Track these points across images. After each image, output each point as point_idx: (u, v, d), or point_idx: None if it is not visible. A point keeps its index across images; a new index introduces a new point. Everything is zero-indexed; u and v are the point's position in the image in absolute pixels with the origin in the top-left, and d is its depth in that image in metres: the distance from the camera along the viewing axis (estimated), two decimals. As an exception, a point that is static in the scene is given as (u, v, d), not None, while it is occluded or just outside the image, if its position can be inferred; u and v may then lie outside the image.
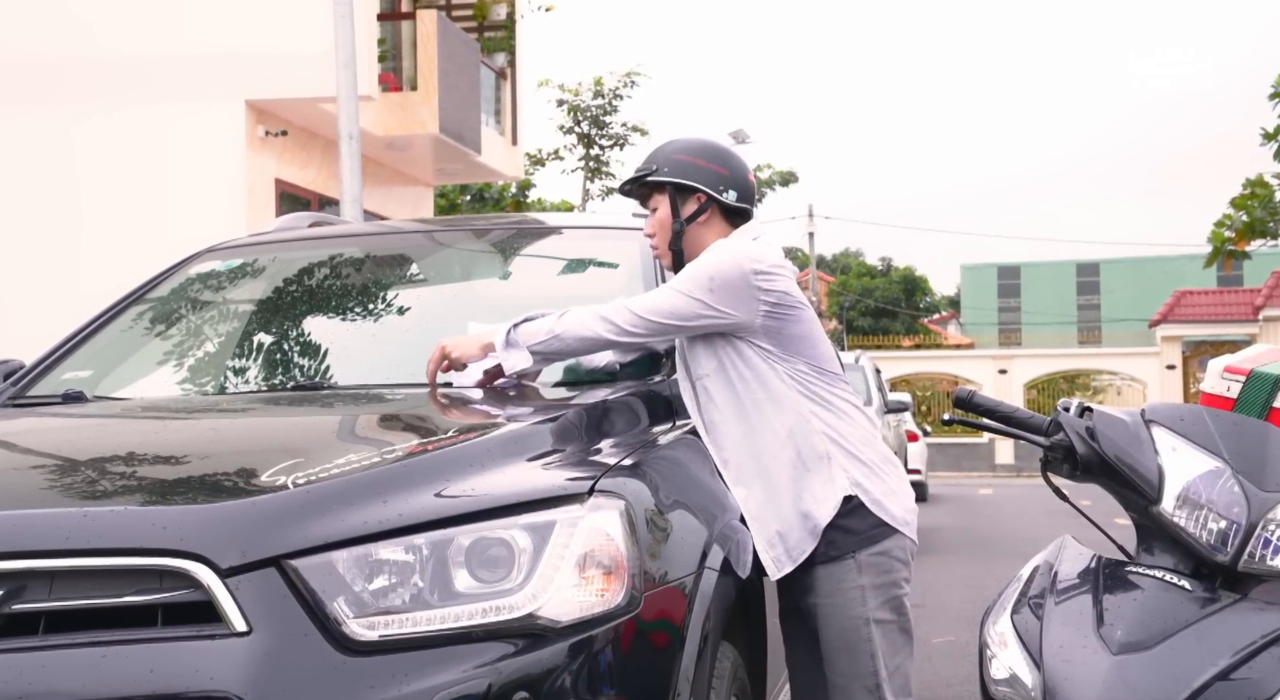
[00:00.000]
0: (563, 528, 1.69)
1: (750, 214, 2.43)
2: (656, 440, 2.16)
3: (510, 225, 3.69)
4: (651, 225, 2.45)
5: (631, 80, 23.37)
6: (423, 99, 11.69)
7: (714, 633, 1.90)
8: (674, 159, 2.39)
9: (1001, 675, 1.59)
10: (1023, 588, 1.67)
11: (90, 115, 10.13)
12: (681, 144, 2.43)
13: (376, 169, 12.42)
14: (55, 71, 10.18)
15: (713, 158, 2.40)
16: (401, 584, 1.62)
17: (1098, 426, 1.67)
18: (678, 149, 2.42)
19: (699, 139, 2.46)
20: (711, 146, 2.44)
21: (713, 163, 2.39)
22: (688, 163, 2.39)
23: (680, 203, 2.39)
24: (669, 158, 2.40)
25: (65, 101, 10.17)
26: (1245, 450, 1.60)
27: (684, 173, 2.38)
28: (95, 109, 10.13)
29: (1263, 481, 1.57)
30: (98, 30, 10.20)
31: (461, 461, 1.81)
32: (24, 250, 10.02)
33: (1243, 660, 1.46)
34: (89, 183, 10.20)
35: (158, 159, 10.13)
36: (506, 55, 14.83)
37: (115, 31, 10.21)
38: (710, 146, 2.44)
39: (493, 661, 1.58)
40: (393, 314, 2.92)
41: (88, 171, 10.19)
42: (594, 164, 24.22)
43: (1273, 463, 1.59)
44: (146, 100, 10.11)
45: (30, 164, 10.14)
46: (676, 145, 2.43)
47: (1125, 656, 1.48)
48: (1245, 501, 1.55)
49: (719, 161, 2.40)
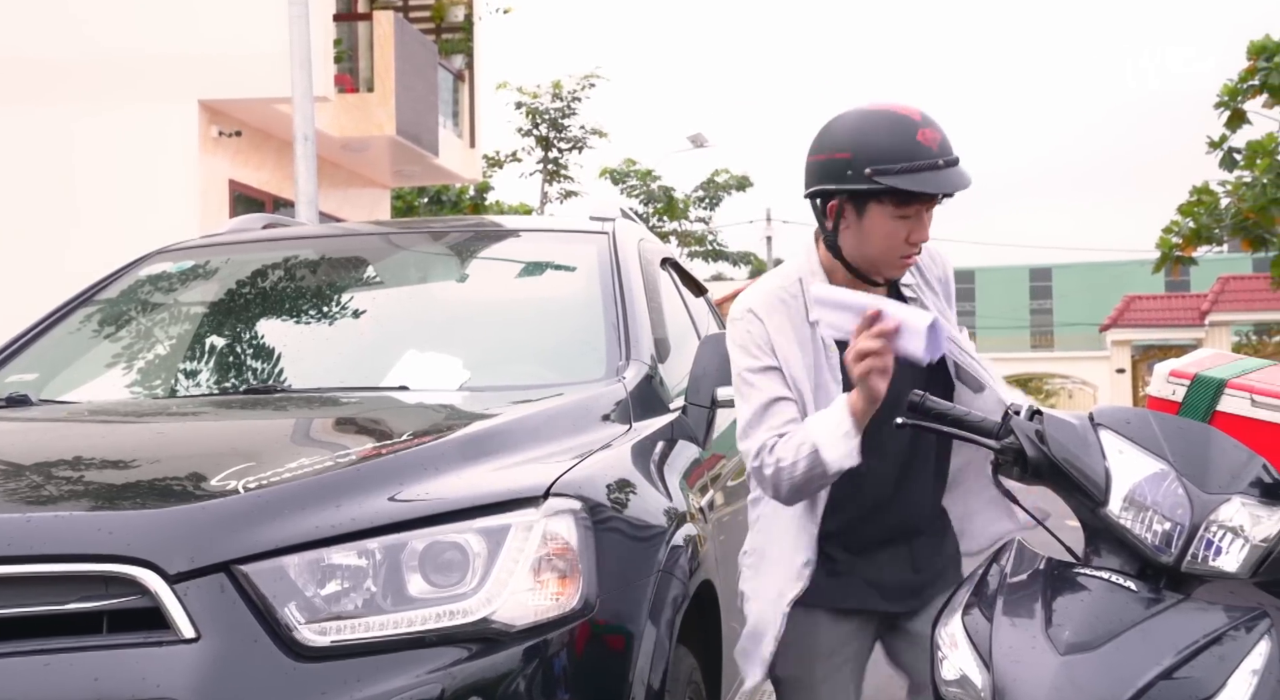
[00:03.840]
0: (518, 531, 1.69)
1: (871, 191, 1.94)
2: (612, 443, 2.16)
3: (468, 228, 3.68)
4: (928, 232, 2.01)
5: (590, 83, 23.41)
6: (379, 100, 11.62)
7: (670, 636, 1.90)
8: None
9: (952, 676, 1.61)
10: (974, 589, 1.69)
11: (39, 116, 9.96)
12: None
13: (332, 170, 12.32)
14: (1, 72, 10.00)
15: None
16: (354, 589, 1.60)
17: (1047, 430, 1.69)
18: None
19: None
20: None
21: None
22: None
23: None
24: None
25: (11, 101, 9.99)
26: (1189, 453, 1.63)
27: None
28: (44, 109, 9.96)
29: (1205, 484, 1.60)
30: (46, 30, 10.03)
31: (416, 465, 1.80)
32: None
33: (1185, 659, 1.49)
34: (38, 184, 10.03)
35: (109, 160, 9.99)
36: (465, 57, 14.78)
37: (65, 31, 10.05)
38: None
39: (446, 666, 1.57)
40: (348, 317, 2.90)
41: (37, 173, 10.02)
42: (553, 166, 24.21)
43: (1215, 465, 1.62)
44: (97, 100, 9.95)
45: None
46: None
47: (1072, 656, 1.50)
48: (1189, 503, 1.58)
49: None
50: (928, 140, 1.92)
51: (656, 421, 2.39)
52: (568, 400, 2.27)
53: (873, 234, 1.97)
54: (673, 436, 2.43)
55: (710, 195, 28.73)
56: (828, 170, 1.97)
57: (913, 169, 1.90)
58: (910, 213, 1.94)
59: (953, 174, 1.93)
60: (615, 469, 2.03)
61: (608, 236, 2.93)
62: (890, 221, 1.95)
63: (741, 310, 2.05)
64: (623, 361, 2.50)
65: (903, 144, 1.91)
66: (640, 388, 2.43)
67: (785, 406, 1.98)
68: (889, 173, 1.90)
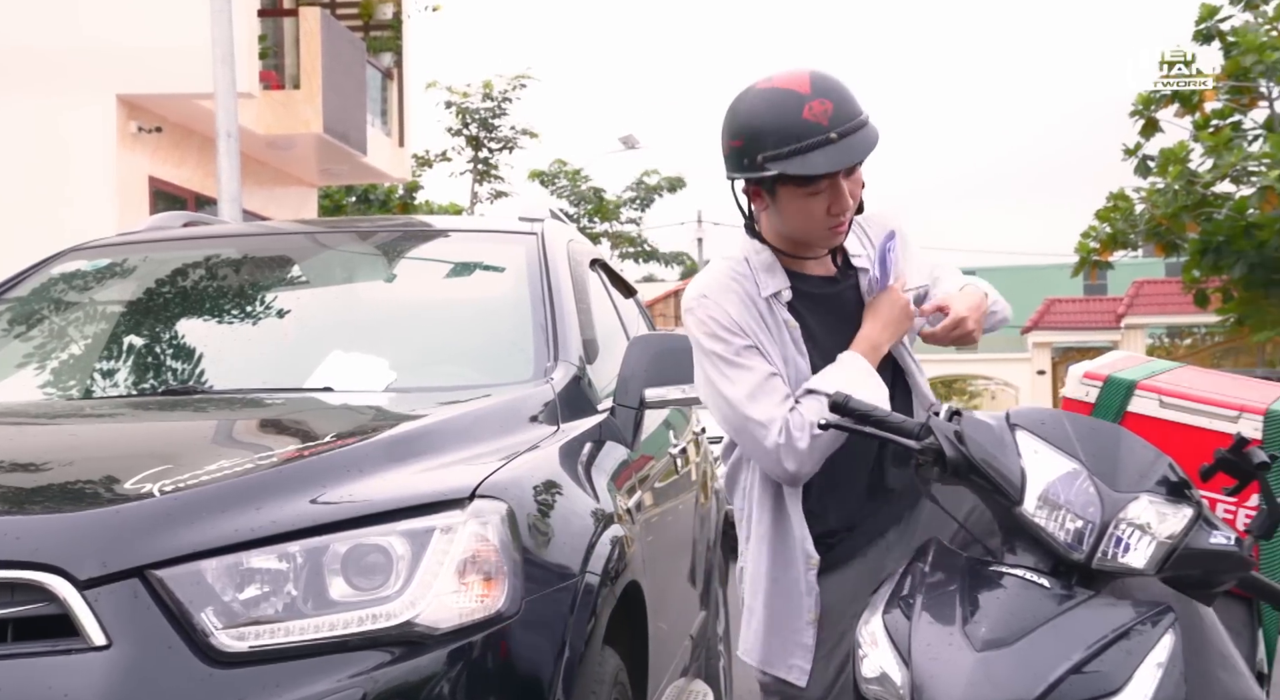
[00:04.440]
0: (442, 533, 1.67)
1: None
2: (540, 444, 2.15)
3: (395, 227, 3.63)
4: (851, 193, 1.92)
5: (521, 83, 23.32)
6: (306, 98, 11.44)
7: (595, 637, 1.90)
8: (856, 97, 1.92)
9: (872, 674, 1.63)
10: (894, 588, 1.72)
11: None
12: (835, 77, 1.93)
13: (257, 168, 12.09)
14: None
15: None
16: (274, 593, 1.57)
17: (966, 430, 1.72)
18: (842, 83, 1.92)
19: (820, 71, 1.95)
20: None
21: None
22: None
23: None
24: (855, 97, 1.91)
25: (-80, 91, 9.63)
26: (1100, 453, 1.67)
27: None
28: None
29: (1115, 482, 1.64)
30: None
31: (339, 467, 1.78)
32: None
33: (1095, 654, 1.53)
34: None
35: (21, 155, 9.67)
36: (393, 55, 14.62)
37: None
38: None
39: (368, 670, 1.55)
40: (271, 317, 2.85)
41: (-56, 166, 9.67)
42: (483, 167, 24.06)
43: (1124, 464, 1.67)
44: (7, 93, 9.63)
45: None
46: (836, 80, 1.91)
47: (988, 653, 1.53)
48: (1100, 502, 1.62)
49: None
50: (815, 114, 1.82)
51: (584, 423, 2.39)
52: (494, 401, 2.26)
53: (790, 215, 1.92)
54: (601, 438, 2.43)
55: (641, 196, 28.79)
56: (729, 159, 1.94)
57: (802, 149, 1.82)
58: (820, 188, 1.87)
59: (849, 144, 1.83)
60: (542, 470, 2.03)
61: (536, 237, 2.92)
62: (803, 200, 1.89)
63: (695, 298, 1.99)
64: (551, 362, 2.49)
65: (789, 124, 1.82)
66: (568, 389, 2.43)
67: (778, 381, 1.93)
68: (779, 158, 1.83)
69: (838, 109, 1.85)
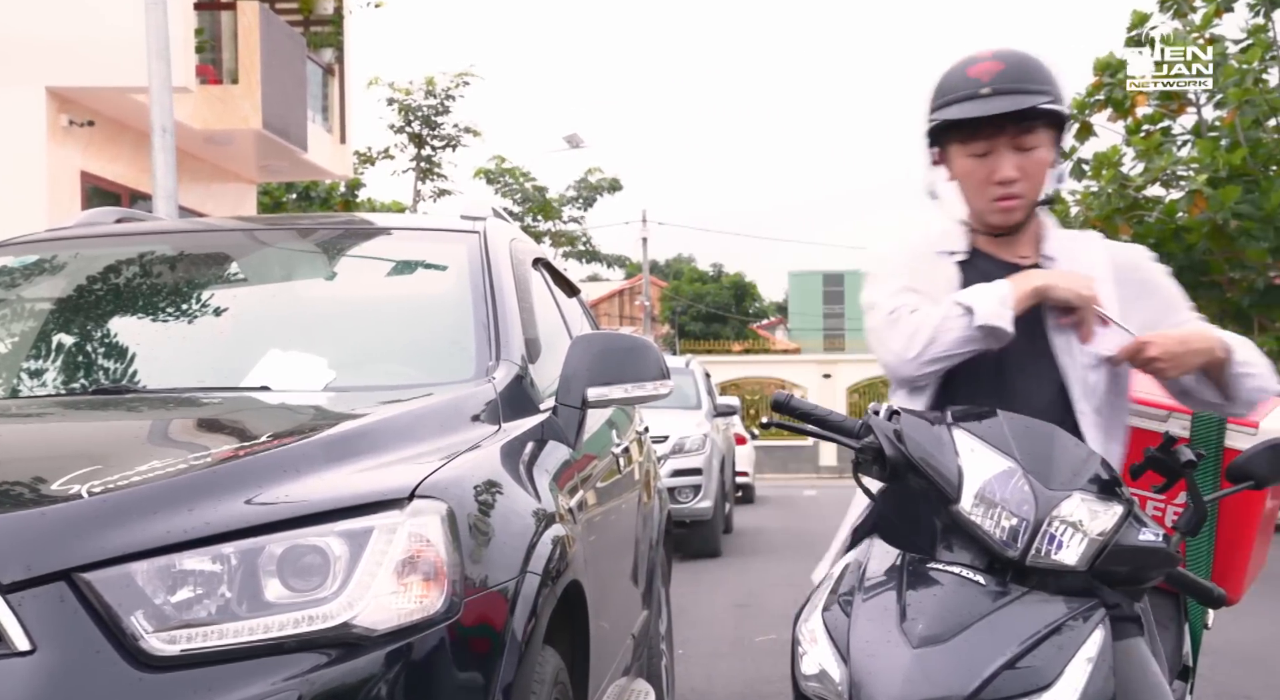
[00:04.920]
0: (381, 534, 1.65)
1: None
2: (481, 444, 2.14)
3: (337, 225, 3.59)
4: (1020, 168, 1.91)
5: (464, 81, 23.17)
6: (244, 93, 11.26)
7: (535, 637, 1.89)
8: (1057, 81, 1.92)
9: (811, 671, 1.64)
10: (833, 586, 1.74)
11: None
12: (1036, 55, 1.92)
13: (194, 164, 11.88)
14: None
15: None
16: (207, 595, 1.55)
17: (905, 429, 1.74)
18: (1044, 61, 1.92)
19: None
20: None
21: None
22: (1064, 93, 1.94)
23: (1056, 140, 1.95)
24: (1052, 78, 1.91)
25: None
26: (1035, 451, 1.70)
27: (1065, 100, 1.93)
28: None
29: (1049, 480, 1.67)
30: (-123, 5, 9.39)
31: (276, 467, 1.75)
32: None
33: (1028, 649, 1.56)
34: None
35: (-54, 147, 9.40)
36: (334, 51, 14.46)
37: (-102, 7, 9.42)
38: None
39: (304, 672, 1.53)
40: (207, 315, 2.80)
41: None
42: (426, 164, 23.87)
43: (1058, 463, 1.70)
44: (-67, 83, 9.36)
45: None
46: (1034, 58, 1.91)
47: (924, 649, 1.56)
48: (1034, 500, 1.65)
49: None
50: (977, 72, 1.90)
51: (526, 422, 2.38)
52: (435, 401, 2.24)
53: (958, 176, 1.96)
54: (543, 437, 2.42)
55: (584, 195, 28.76)
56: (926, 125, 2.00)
57: (955, 100, 1.90)
58: (979, 149, 1.91)
59: (991, 101, 1.87)
60: (483, 470, 2.01)
61: (479, 236, 2.91)
62: (965, 160, 1.94)
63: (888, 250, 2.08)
64: (493, 362, 2.48)
65: (954, 80, 1.92)
66: (510, 388, 2.42)
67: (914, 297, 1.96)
68: (935, 110, 1.93)
69: (1005, 72, 1.89)
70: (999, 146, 1.90)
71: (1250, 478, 1.79)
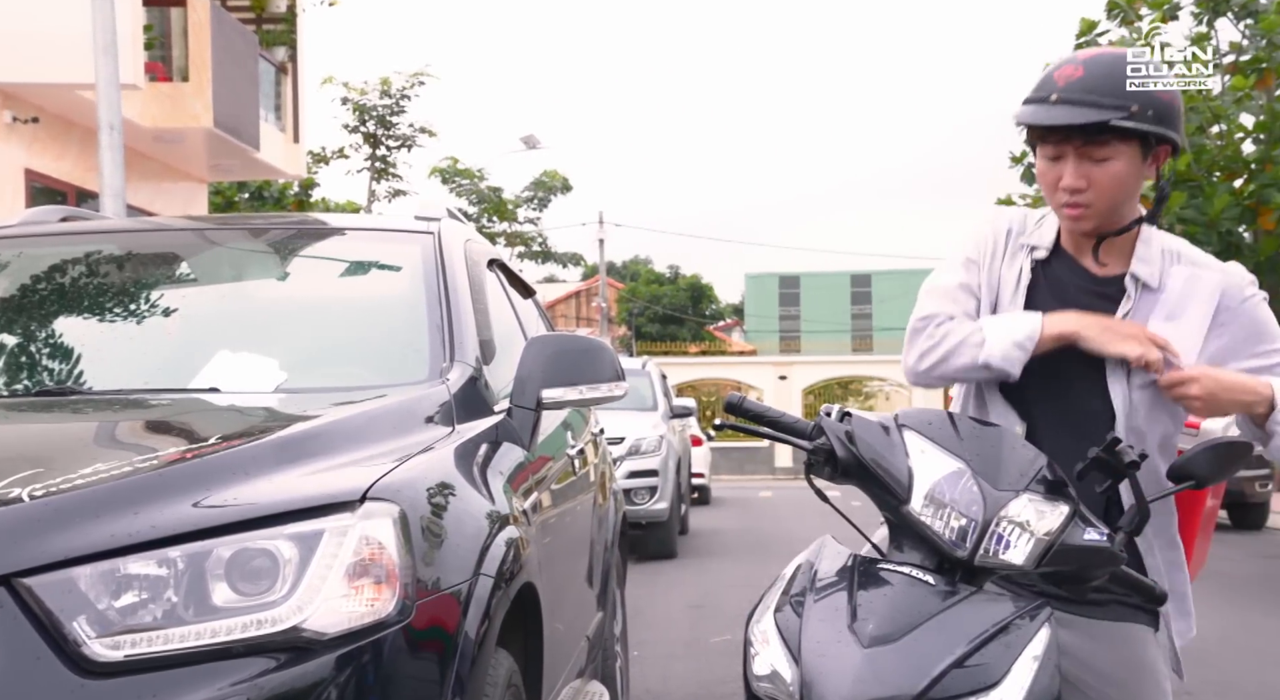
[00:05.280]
0: (332, 536, 1.64)
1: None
2: (434, 446, 2.13)
3: (289, 225, 3.54)
4: (1088, 177, 1.86)
5: (419, 81, 23.06)
6: (195, 91, 11.11)
7: (488, 640, 1.89)
8: (1159, 99, 1.83)
9: (763, 671, 1.65)
10: (785, 587, 1.75)
11: None
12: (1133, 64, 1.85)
13: (143, 162, 11.70)
14: None
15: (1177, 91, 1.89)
16: (153, 600, 1.52)
17: (856, 431, 1.76)
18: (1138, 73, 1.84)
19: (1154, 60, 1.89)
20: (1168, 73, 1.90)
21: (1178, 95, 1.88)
22: (1173, 107, 1.85)
23: (1149, 154, 1.87)
24: (1139, 92, 1.83)
25: None
26: (983, 452, 1.72)
27: (1171, 121, 1.84)
28: None
29: (997, 481, 1.69)
30: None
31: (224, 470, 1.73)
32: None
33: (976, 648, 1.57)
34: None
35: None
36: (287, 49, 14.32)
37: None
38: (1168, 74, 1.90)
39: (252, 677, 1.51)
40: (156, 315, 2.75)
41: None
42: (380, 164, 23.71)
43: (1006, 463, 1.72)
44: None
45: None
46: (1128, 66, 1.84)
47: (875, 649, 1.57)
48: (982, 500, 1.67)
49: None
50: (1060, 76, 1.85)
51: (480, 424, 2.37)
52: (388, 402, 2.22)
53: (1038, 173, 1.94)
54: (497, 439, 2.41)
55: (539, 196, 28.70)
56: None
57: (1030, 101, 1.87)
58: (1050, 153, 1.88)
59: (1054, 109, 1.83)
60: (436, 472, 2.00)
61: (433, 236, 2.89)
62: (1042, 161, 1.90)
63: (997, 213, 2.04)
64: (447, 363, 2.47)
65: (1044, 78, 1.88)
66: (464, 390, 2.41)
67: (963, 294, 1.97)
68: (1023, 102, 1.89)
69: (1082, 80, 1.84)
70: (1067, 153, 1.86)
71: (1191, 478, 1.82)
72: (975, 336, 1.90)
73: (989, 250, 2.00)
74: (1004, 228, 2.01)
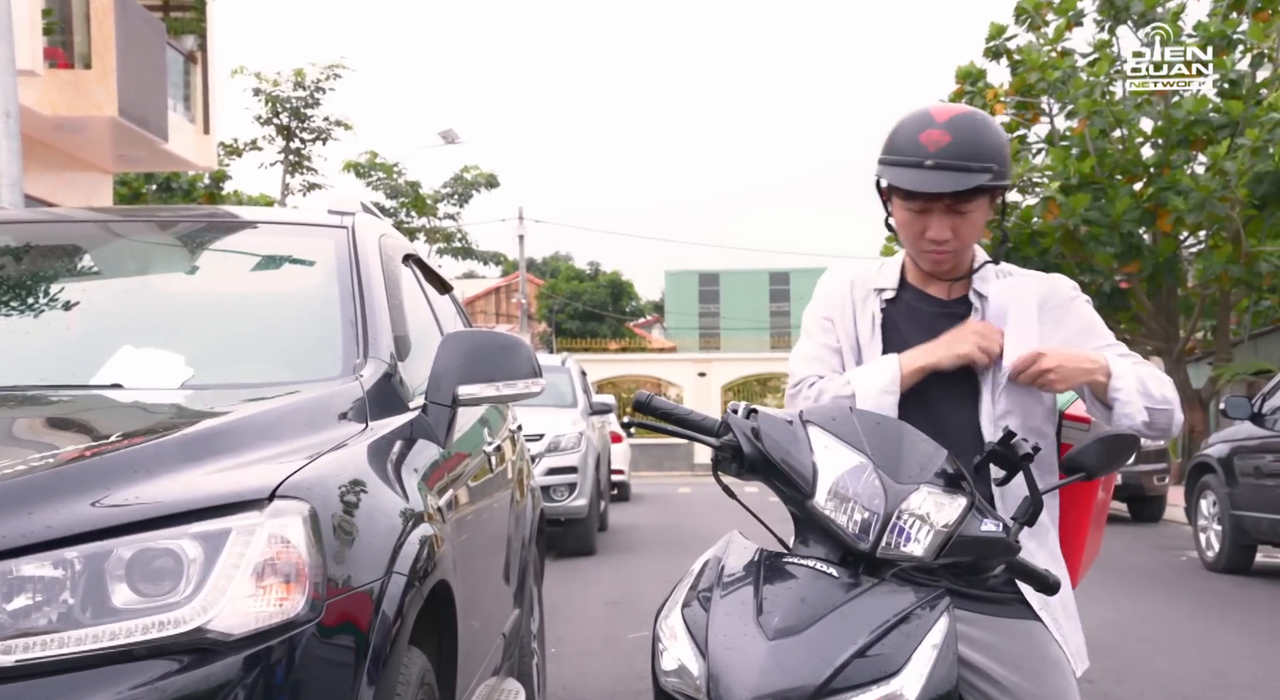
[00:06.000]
0: (239, 535, 1.61)
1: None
2: (347, 443, 2.10)
3: (199, 218, 3.46)
4: (954, 228, 1.98)
5: (335, 73, 22.67)
6: (98, 78, 10.77)
7: (401, 638, 1.87)
8: (1005, 154, 1.97)
9: (671, 667, 1.66)
10: (693, 582, 1.76)
11: None
12: (987, 125, 1.97)
13: (44, 152, 11.31)
14: None
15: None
16: (48, 602, 1.48)
17: (762, 427, 1.78)
18: (993, 134, 1.97)
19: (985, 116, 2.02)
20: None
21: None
22: (1008, 154, 1.99)
23: (991, 203, 2.03)
24: (998, 152, 1.95)
25: None
26: (885, 447, 1.76)
27: (1010, 169, 1.98)
28: None
29: (898, 475, 1.73)
30: None
31: (125, 468, 1.68)
32: None
33: (877, 638, 1.61)
34: None
35: None
36: (197, 38, 13.95)
37: None
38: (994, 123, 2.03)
39: (154, 680, 1.48)
40: (56, 309, 2.66)
41: None
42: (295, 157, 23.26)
43: (906, 457, 1.75)
44: None
45: None
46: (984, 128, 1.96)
47: (779, 641, 1.59)
48: (884, 493, 1.70)
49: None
50: (928, 139, 1.92)
51: (395, 420, 2.34)
52: (300, 399, 2.18)
53: (897, 222, 2.03)
54: (412, 436, 2.38)
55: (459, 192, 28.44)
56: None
57: (899, 164, 1.94)
58: (916, 208, 1.97)
59: (935, 176, 1.91)
60: (348, 469, 1.98)
61: (347, 231, 2.85)
62: (904, 213, 2.00)
63: (835, 273, 2.17)
64: (360, 359, 2.44)
65: (906, 140, 1.95)
66: (378, 386, 2.38)
67: (829, 354, 2.09)
68: (884, 164, 1.97)
69: (952, 146, 1.92)
70: (935, 209, 1.97)
71: (1082, 469, 1.88)
72: (845, 390, 2.01)
73: (839, 305, 2.13)
74: (846, 282, 2.14)
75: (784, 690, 1.55)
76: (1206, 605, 7.31)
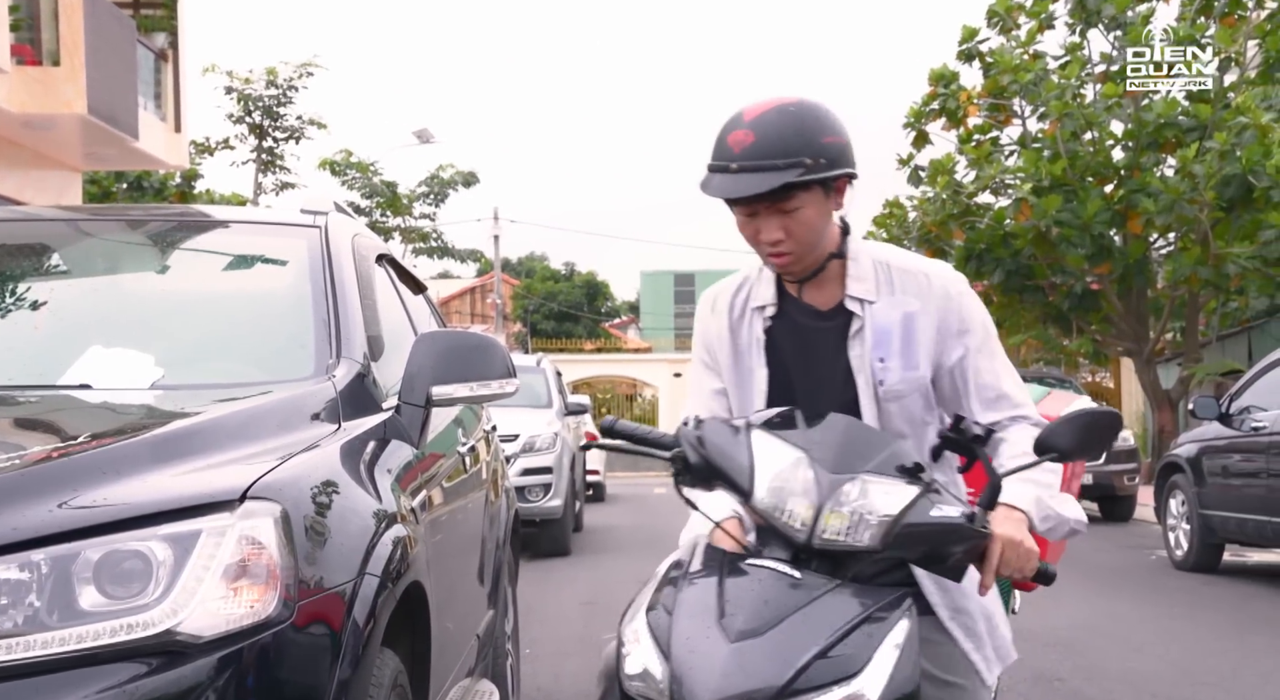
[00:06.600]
0: (209, 537, 1.60)
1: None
2: (319, 443, 2.08)
3: (170, 217, 3.43)
4: (784, 228, 1.89)
5: (308, 71, 22.53)
6: (67, 75, 10.65)
7: (373, 640, 1.86)
8: (827, 147, 1.85)
9: (635, 670, 1.67)
10: (658, 585, 1.77)
11: None
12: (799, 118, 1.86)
13: (11, 149, 11.18)
14: None
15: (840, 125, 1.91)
16: (14, 605, 1.46)
17: (705, 434, 1.80)
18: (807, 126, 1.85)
19: (811, 102, 1.90)
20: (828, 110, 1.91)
21: (842, 131, 1.91)
22: (840, 145, 1.88)
23: (830, 192, 1.90)
24: (811, 143, 1.84)
25: None
26: (824, 440, 1.76)
27: (844, 158, 1.87)
28: None
29: (836, 466, 1.73)
30: None
31: (94, 469, 1.66)
32: None
33: (839, 638, 1.61)
34: None
35: None
36: (168, 35, 13.83)
37: None
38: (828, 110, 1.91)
39: (122, 683, 1.46)
40: (23, 309, 2.63)
41: None
42: (267, 156, 23.10)
43: (845, 449, 1.75)
44: None
45: None
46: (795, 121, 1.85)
47: (741, 643, 1.60)
48: (817, 484, 1.71)
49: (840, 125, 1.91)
50: (734, 141, 1.85)
51: (368, 421, 2.33)
52: (272, 399, 2.17)
53: (738, 227, 1.96)
54: (385, 436, 2.37)
55: (435, 191, 28.31)
56: None
57: (712, 169, 1.88)
58: (744, 212, 1.89)
59: (739, 180, 1.83)
60: (321, 470, 1.96)
61: (320, 230, 2.83)
62: (739, 218, 1.93)
63: (698, 305, 2.12)
64: (333, 359, 2.42)
65: (719, 143, 1.88)
66: (351, 386, 2.36)
67: (714, 397, 2.06)
68: (708, 170, 1.90)
69: (755, 145, 1.84)
70: (760, 210, 1.88)
71: (1054, 450, 1.79)
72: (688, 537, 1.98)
73: (715, 336, 2.07)
74: (709, 306, 2.08)
75: (747, 692, 1.55)
76: (1175, 603, 7.38)
